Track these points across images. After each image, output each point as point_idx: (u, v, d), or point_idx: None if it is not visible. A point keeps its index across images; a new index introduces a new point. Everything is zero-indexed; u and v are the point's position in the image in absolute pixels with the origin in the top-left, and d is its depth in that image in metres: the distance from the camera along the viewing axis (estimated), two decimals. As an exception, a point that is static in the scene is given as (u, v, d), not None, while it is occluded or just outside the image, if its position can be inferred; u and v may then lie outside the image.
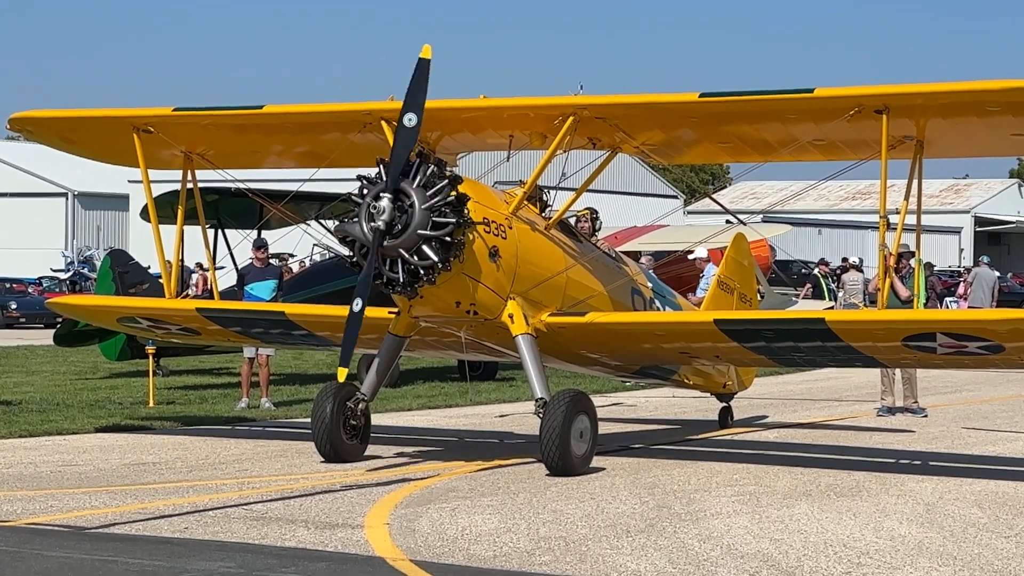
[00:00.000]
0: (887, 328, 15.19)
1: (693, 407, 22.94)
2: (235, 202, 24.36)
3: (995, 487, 14.76)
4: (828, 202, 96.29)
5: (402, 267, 14.67)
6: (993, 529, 12.29)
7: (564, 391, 15.38)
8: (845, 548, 11.30)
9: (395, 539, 11.48)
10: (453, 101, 16.66)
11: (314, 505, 13.04)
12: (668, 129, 16.50)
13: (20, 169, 78.48)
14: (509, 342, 15.69)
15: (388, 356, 16.25)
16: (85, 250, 69.58)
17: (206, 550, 10.93)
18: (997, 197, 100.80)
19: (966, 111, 15.19)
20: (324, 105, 17.36)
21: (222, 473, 15.25)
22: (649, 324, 16.60)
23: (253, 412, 21.67)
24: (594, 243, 17.39)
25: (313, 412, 15.96)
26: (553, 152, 16.20)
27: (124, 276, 26.37)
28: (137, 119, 17.70)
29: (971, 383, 28.19)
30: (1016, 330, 14.48)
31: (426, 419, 21.44)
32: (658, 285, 18.99)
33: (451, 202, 14.66)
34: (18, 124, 18.50)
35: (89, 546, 11.09)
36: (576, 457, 15.05)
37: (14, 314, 51.84)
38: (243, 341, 20.29)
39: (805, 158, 17.30)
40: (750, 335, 15.83)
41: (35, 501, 13.16)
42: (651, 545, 11.33)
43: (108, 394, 24.16)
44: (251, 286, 21.75)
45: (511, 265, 15.45)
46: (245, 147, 18.51)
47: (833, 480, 15.06)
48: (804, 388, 27.53)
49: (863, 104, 15.14)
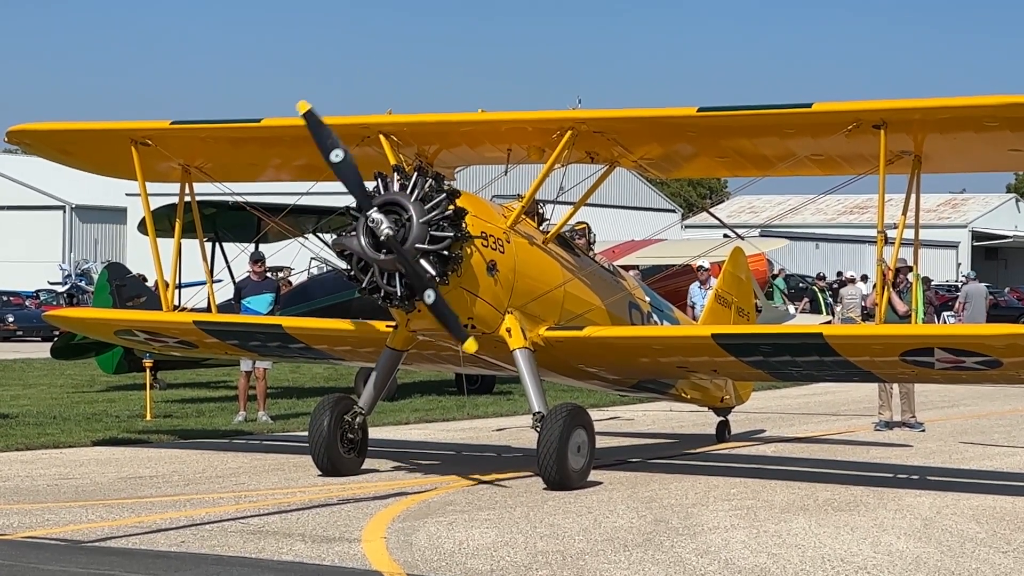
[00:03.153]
0: (885, 343, 15.19)
1: (690, 421, 22.93)
2: (233, 215, 24.36)
3: (993, 502, 14.75)
4: (826, 216, 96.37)
5: (400, 281, 14.67)
6: (991, 544, 12.28)
7: (562, 405, 15.38)
8: (842, 563, 11.29)
9: (392, 553, 11.46)
10: (451, 115, 16.68)
11: (311, 519, 13.02)
12: (666, 143, 16.50)
13: (18, 182, 78.50)
14: (507, 356, 15.69)
15: (386, 369, 16.24)
16: (83, 263, 69.52)
17: (203, 564, 10.92)
18: (994, 212, 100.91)
19: (964, 126, 15.19)
20: (322, 118, 17.33)
21: (219, 487, 15.23)
22: (647, 338, 16.60)
23: (250, 425, 21.66)
24: (592, 257, 17.39)
25: (310, 426, 15.96)
26: (551, 166, 16.21)
27: (121, 289, 26.36)
28: (135, 132, 17.70)
29: (969, 398, 28.19)
30: (1014, 345, 14.48)
31: (423, 433, 21.42)
32: (656, 299, 18.99)
33: (449, 216, 14.66)
34: (16, 137, 18.49)
35: (85, 560, 11.07)
36: (573, 471, 15.04)
37: (11, 327, 51.85)
38: (240, 354, 20.28)
39: (803, 172, 17.31)
40: (748, 349, 15.83)
41: (31, 514, 13.14)
42: (648, 559, 11.32)
43: (105, 407, 24.15)
44: (248, 299, 21.75)
45: (509, 279, 15.45)
46: (243, 160, 18.51)
47: (831, 494, 15.05)
48: (802, 402, 27.52)
49: (861, 119, 15.15)
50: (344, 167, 14.56)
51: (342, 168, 14.56)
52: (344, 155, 14.53)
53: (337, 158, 14.52)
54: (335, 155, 14.53)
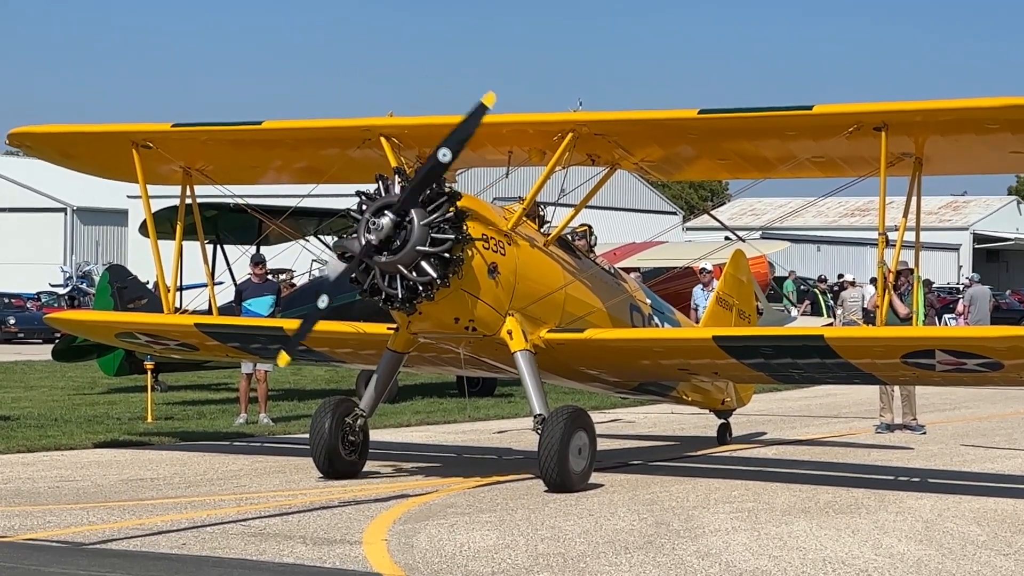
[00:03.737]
0: (886, 345, 15.18)
1: (691, 424, 22.93)
2: (234, 217, 24.36)
3: (994, 504, 14.75)
4: (827, 219, 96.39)
5: (401, 283, 14.66)
6: (992, 547, 12.28)
7: (562, 407, 15.38)
8: (844, 565, 11.28)
9: (393, 555, 11.46)
10: (452, 117, 16.64)
11: (312, 521, 13.02)
12: (667, 146, 16.51)
13: (19, 184, 78.55)
14: (508, 358, 15.68)
15: (387, 372, 16.24)
16: (84, 265, 69.49)
17: (204, 566, 10.92)
18: (996, 214, 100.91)
19: (965, 128, 15.20)
20: (323, 121, 17.38)
21: (220, 489, 15.23)
22: (648, 341, 16.60)
23: (251, 428, 21.66)
24: (592, 259, 17.39)
25: (311, 428, 15.96)
26: (552, 168, 16.21)
27: (123, 291, 26.37)
28: (136, 134, 17.70)
29: (970, 400, 28.18)
30: (1015, 347, 14.48)
31: (424, 435, 21.42)
32: (657, 301, 18.98)
33: (450, 218, 14.64)
34: (17, 139, 18.50)
35: (86, 562, 11.07)
36: (574, 473, 15.04)
37: (13, 329, 51.82)
38: (241, 357, 20.27)
39: (804, 175, 17.33)
40: (749, 352, 15.83)
41: (33, 517, 13.14)
42: (649, 562, 11.32)
43: (106, 409, 24.14)
44: (249, 302, 21.75)
45: (510, 281, 15.45)
46: (244, 163, 18.51)
47: (832, 497, 15.05)
48: (803, 405, 27.52)
49: (862, 121, 15.15)
50: (437, 168, 14.32)
51: (437, 168, 14.33)
52: (450, 160, 14.25)
53: (444, 158, 14.24)
54: (443, 153, 14.25)
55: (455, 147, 14.31)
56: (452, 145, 14.32)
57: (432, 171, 14.40)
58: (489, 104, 14.32)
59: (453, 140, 14.36)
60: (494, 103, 14.33)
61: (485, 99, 14.34)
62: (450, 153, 14.27)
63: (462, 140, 14.41)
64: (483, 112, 14.37)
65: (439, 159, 14.27)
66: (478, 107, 14.35)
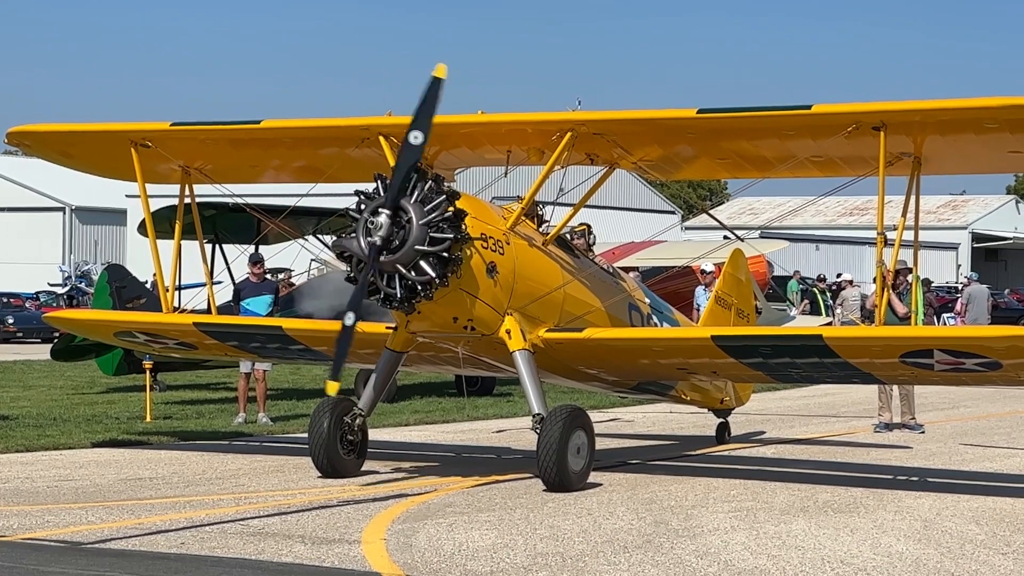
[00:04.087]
0: (884, 345, 15.19)
1: (690, 423, 22.93)
2: (233, 217, 24.36)
3: (992, 503, 14.76)
4: (826, 218, 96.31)
5: (399, 282, 14.66)
6: (990, 546, 12.28)
7: (561, 407, 15.38)
8: (842, 564, 11.29)
9: (392, 555, 11.46)
10: (451, 116, 16.66)
11: (311, 520, 13.02)
12: (666, 145, 16.51)
13: (18, 183, 78.50)
14: (506, 358, 15.68)
15: (385, 371, 16.24)
16: (82, 264, 69.46)
17: (203, 566, 10.91)
18: (994, 213, 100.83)
19: (964, 128, 15.20)
20: (322, 120, 17.37)
21: (219, 488, 15.23)
22: (646, 340, 16.60)
23: (250, 427, 21.66)
24: (591, 259, 17.39)
25: (310, 427, 15.96)
26: (551, 168, 16.21)
27: (121, 291, 26.35)
28: (135, 134, 17.70)
29: (968, 399, 28.19)
30: (1014, 347, 14.48)
31: (423, 434, 21.42)
32: (656, 301, 18.98)
33: (449, 217, 14.64)
34: (16, 138, 18.50)
35: (85, 562, 11.06)
36: (573, 473, 15.04)
37: (11, 329, 51.80)
38: (240, 356, 20.27)
39: (803, 174, 17.32)
40: (747, 351, 15.84)
41: (31, 516, 13.14)
42: (648, 561, 11.32)
43: (105, 409, 24.14)
44: (247, 301, 21.74)
45: (508, 281, 15.45)
46: (243, 162, 18.50)
47: (830, 496, 15.06)
48: (801, 404, 27.52)
49: (861, 121, 15.16)
50: (412, 151, 14.44)
51: (411, 152, 14.44)
52: (422, 141, 14.43)
53: (416, 140, 14.40)
54: (414, 136, 14.41)
55: (423, 127, 14.46)
56: (420, 126, 14.47)
57: (408, 156, 14.48)
58: (442, 75, 14.51)
59: (419, 120, 14.51)
60: (446, 74, 14.49)
61: (437, 71, 14.56)
62: (421, 135, 14.41)
63: (428, 117, 14.54)
64: (439, 85, 14.54)
65: (411, 142, 14.43)
66: (432, 81, 14.54)
